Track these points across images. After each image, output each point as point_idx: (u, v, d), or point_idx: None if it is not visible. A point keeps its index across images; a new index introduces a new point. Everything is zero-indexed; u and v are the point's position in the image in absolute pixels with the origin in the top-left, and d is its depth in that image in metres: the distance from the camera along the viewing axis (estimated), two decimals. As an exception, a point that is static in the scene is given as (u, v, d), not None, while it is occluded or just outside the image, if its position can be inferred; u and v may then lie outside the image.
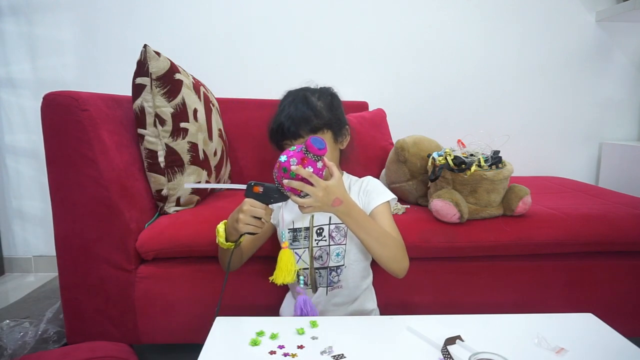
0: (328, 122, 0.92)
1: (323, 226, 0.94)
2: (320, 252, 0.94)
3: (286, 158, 0.76)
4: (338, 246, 0.94)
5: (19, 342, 1.18)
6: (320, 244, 0.94)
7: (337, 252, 0.94)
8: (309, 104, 0.92)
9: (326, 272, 0.94)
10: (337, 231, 0.93)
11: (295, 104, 0.92)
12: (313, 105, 0.91)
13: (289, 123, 0.89)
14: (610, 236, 1.16)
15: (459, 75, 1.95)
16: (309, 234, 0.94)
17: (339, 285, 0.95)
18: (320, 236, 0.93)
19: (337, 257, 0.94)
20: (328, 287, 0.95)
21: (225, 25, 1.86)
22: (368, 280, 1.01)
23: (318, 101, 0.93)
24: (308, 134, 0.89)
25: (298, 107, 0.91)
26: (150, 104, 1.12)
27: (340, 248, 0.94)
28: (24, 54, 1.83)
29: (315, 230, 0.93)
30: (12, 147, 1.88)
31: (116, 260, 1.07)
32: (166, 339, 1.15)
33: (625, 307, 1.20)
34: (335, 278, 0.94)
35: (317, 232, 0.93)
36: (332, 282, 0.95)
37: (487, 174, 1.12)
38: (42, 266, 1.95)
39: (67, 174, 1.03)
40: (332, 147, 0.92)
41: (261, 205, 0.81)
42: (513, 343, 0.73)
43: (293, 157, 0.76)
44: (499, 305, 1.17)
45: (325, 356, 0.68)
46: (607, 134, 2.03)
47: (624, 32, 1.95)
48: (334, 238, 0.93)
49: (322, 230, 0.93)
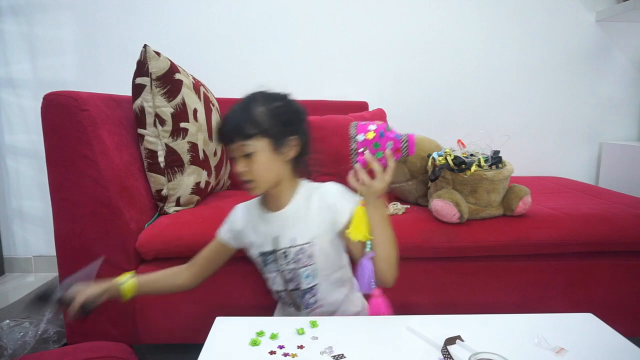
0: (264, 130, 0.83)
1: (287, 249, 0.88)
2: (292, 275, 0.90)
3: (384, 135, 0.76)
4: (306, 268, 0.89)
5: (19, 342, 1.18)
6: (290, 266, 0.89)
7: (306, 274, 0.89)
8: (247, 110, 0.85)
9: (301, 294, 0.91)
10: (301, 253, 0.88)
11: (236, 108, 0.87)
12: (251, 112, 0.85)
13: (225, 128, 0.86)
14: (610, 236, 1.16)
15: (459, 75, 1.95)
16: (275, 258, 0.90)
17: (318, 304, 0.92)
18: (287, 259, 0.89)
19: (308, 278, 0.89)
20: (307, 309, 0.92)
21: (225, 25, 1.86)
22: (346, 287, 0.95)
23: (261, 107, 0.85)
24: (240, 139, 0.82)
25: (236, 112, 0.86)
26: (150, 104, 1.12)
27: (308, 269, 0.89)
28: (24, 54, 1.82)
29: (282, 253, 0.89)
30: (12, 147, 1.88)
31: (116, 260, 1.07)
32: (166, 339, 1.15)
33: (625, 307, 1.20)
34: (312, 299, 0.91)
35: (284, 255, 0.89)
36: (309, 304, 0.91)
37: (487, 174, 1.12)
38: (42, 266, 1.95)
39: (67, 174, 1.03)
40: (269, 157, 0.84)
41: None
42: (513, 343, 0.72)
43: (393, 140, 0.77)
44: (499, 305, 1.17)
45: (325, 356, 0.68)
46: (607, 133, 2.03)
47: (624, 32, 1.95)
48: (300, 260, 0.88)
49: (287, 253, 0.88)
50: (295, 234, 0.87)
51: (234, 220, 0.96)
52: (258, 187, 0.85)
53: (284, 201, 0.89)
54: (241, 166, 0.83)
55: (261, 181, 0.84)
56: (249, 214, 0.94)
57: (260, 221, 0.91)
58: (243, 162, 0.83)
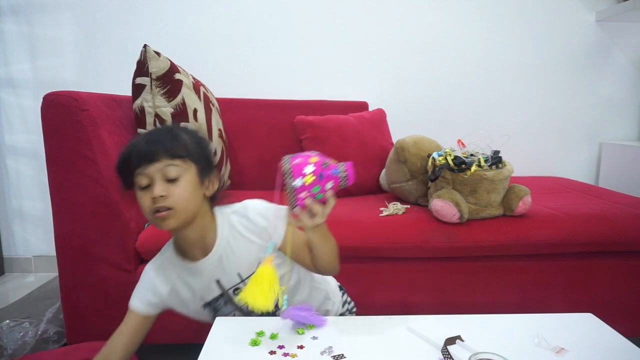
0: (192, 154, 0.75)
1: (238, 285, 0.82)
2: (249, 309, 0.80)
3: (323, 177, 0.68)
4: None
5: (19, 342, 1.18)
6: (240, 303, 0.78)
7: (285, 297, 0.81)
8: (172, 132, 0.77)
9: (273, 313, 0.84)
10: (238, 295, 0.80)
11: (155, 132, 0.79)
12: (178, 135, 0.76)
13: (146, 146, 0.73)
14: (610, 236, 1.16)
15: (459, 75, 1.95)
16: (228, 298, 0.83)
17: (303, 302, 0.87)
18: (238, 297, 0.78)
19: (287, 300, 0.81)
20: None
21: (225, 26, 1.86)
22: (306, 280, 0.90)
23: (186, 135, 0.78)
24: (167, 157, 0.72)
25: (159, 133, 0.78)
26: (150, 104, 1.12)
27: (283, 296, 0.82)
28: (24, 54, 1.83)
29: (233, 291, 0.82)
30: (12, 147, 1.88)
31: (116, 260, 1.07)
32: (166, 339, 1.15)
33: (625, 307, 1.20)
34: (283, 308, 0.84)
35: (236, 293, 0.82)
36: None
37: (487, 174, 1.12)
38: (42, 266, 1.95)
39: (67, 174, 1.03)
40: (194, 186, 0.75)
41: None
42: (513, 343, 0.72)
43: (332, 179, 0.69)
44: (499, 305, 1.17)
45: (325, 356, 0.68)
46: (607, 134, 2.03)
47: (624, 32, 1.95)
48: None
49: (238, 289, 0.82)
50: (237, 269, 0.80)
51: (155, 285, 0.82)
52: (175, 217, 0.73)
53: (210, 241, 0.79)
54: (160, 190, 0.71)
55: (181, 211, 0.73)
56: (170, 271, 0.83)
57: (189, 274, 0.82)
58: (163, 186, 0.71)
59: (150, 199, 0.72)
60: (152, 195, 0.72)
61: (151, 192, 0.72)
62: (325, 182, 0.68)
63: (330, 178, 0.68)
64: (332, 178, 0.69)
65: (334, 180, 0.69)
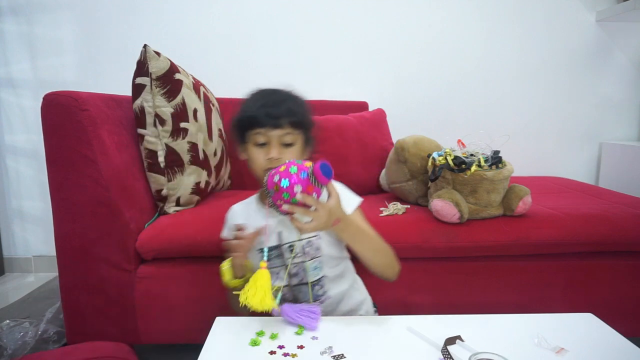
0: (306, 126, 0.85)
1: (293, 243, 0.87)
2: (297, 269, 0.88)
3: (288, 183, 0.70)
4: (313, 260, 0.88)
5: (19, 342, 1.18)
6: (296, 260, 0.88)
7: (313, 267, 0.88)
8: (296, 99, 0.86)
9: (308, 288, 0.89)
10: (309, 246, 0.88)
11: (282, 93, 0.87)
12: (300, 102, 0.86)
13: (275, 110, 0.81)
14: (610, 236, 1.16)
15: (459, 75, 1.95)
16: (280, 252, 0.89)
17: (327, 297, 0.91)
18: (293, 253, 0.88)
19: (315, 270, 0.89)
20: (315, 302, 0.90)
21: (225, 26, 1.86)
22: (350, 277, 0.96)
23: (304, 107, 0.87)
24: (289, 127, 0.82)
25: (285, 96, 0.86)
26: (150, 104, 1.12)
27: (316, 261, 0.88)
28: (24, 54, 1.83)
29: (287, 247, 0.88)
30: (12, 147, 1.88)
31: (116, 260, 1.07)
32: (166, 339, 1.15)
33: (625, 307, 1.20)
34: (320, 291, 0.90)
35: (289, 250, 0.88)
36: (318, 296, 0.90)
37: (487, 174, 1.12)
38: (42, 266, 1.95)
39: (67, 174, 1.03)
40: (300, 153, 0.85)
41: None
42: (513, 343, 0.72)
43: (298, 184, 0.70)
44: (499, 305, 1.17)
45: (325, 356, 0.68)
46: (607, 134, 2.03)
47: (624, 32, 1.95)
48: (308, 254, 0.88)
49: (292, 247, 0.87)
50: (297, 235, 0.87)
51: (233, 219, 0.94)
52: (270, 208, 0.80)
53: None
54: (276, 153, 0.81)
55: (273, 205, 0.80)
56: (247, 211, 0.93)
57: (260, 218, 0.88)
58: (278, 149, 0.82)
59: (265, 158, 0.83)
60: (267, 155, 0.82)
61: (267, 151, 0.83)
62: (291, 188, 0.70)
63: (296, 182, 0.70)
64: (299, 182, 0.71)
65: (302, 184, 0.70)
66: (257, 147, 0.84)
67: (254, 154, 0.84)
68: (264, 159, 0.83)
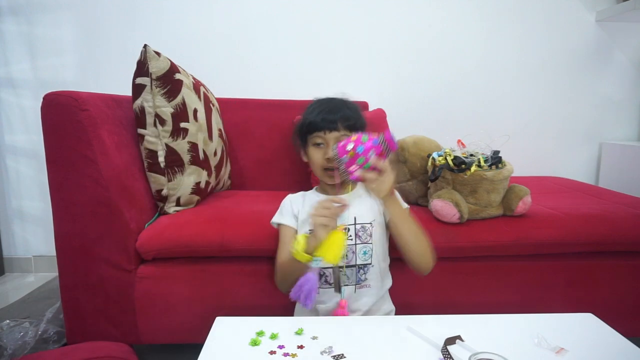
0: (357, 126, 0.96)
1: (348, 226, 0.94)
2: (346, 251, 0.93)
3: (364, 149, 0.81)
4: (365, 245, 0.95)
5: (19, 342, 1.18)
6: (348, 242, 0.93)
7: (364, 251, 0.95)
8: (350, 104, 0.99)
9: (354, 271, 0.95)
10: (362, 230, 0.95)
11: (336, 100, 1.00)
12: (353, 107, 0.99)
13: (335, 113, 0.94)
14: (610, 236, 1.16)
15: (459, 75, 1.95)
16: None
17: (367, 284, 0.95)
18: (347, 235, 0.93)
19: (364, 255, 0.95)
20: (356, 285, 0.95)
21: (225, 25, 1.86)
22: (388, 281, 1.03)
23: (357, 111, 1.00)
24: (344, 129, 0.94)
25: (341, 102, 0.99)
26: (150, 104, 1.12)
27: (367, 247, 0.95)
28: (24, 54, 1.82)
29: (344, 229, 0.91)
30: (12, 147, 1.88)
31: (116, 260, 1.07)
32: (166, 339, 1.15)
33: (625, 307, 1.20)
34: (363, 276, 0.95)
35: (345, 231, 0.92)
36: (360, 280, 0.95)
37: (487, 174, 1.12)
38: (42, 266, 1.95)
39: (67, 174, 1.03)
40: None
41: None
42: (513, 343, 0.73)
43: (373, 148, 0.81)
44: (499, 305, 1.17)
45: (325, 356, 0.68)
46: (607, 134, 2.03)
47: (624, 32, 1.95)
48: (360, 237, 0.95)
49: (347, 229, 0.93)
50: (357, 212, 0.95)
51: (290, 204, 1.01)
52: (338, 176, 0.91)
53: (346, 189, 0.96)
54: None
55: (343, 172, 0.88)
56: (305, 199, 1.02)
57: None
58: None
59: (323, 158, 0.94)
60: (325, 155, 0.94)
61: (324, 151, 0.95)
62: (366, 153, 0.81)
63: (371, 148, 0.82)
64: (373, 147, 0.82)
65: (375, 149, 0.82)
66: (315, 148, 0.96)
67: (313, 155, 0.96)
68: (323, 158, 0.94)
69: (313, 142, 0.97)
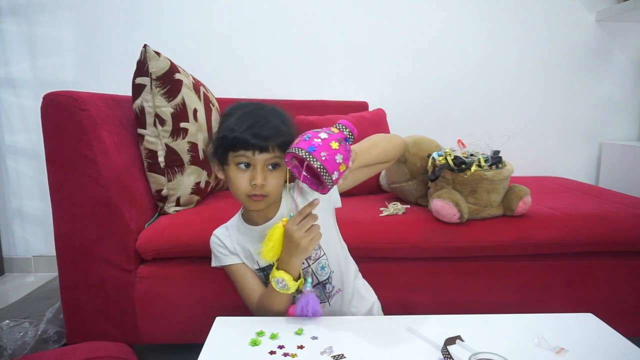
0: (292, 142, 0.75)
1: None
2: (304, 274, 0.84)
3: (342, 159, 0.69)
4: (318, 261, 0.88)
5: (19, 342, 1.18)
6: None
7: (321, 267, 0.88)
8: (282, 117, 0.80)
9: (320, 288, 0.90)
10: None
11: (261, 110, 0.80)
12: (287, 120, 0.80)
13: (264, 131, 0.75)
14: (610, 236, 1.16)
15: (459, 75, 1.95)
16: None
17: (335, 290, 0.92)
18: None
19: (323, 269, 0.89)
20: (330, 300, 0.91)
21: (225, 25, 1.86)
22: (352, 266, 0.96)
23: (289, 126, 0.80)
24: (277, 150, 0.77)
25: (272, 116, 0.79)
26: (150, 104, 1.12)
27: (321, 261, 0.88)
28: (24, 54, 1.83)
29: None
30: (12, 147, 1.88)
31: (116, 260, 1.07)
32: (166, 339, 1.15)
33: (625, 307, 1.20)
34: (329, 287, 0.91)
35: None
36: (330, 294, 0.91)
37: (487, 174, 1.12)
38: (42, 266, 1.95)
39: (67, 174, 1.03)
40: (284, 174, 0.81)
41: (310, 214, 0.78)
42: (513, 343, 0.72)
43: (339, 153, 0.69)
44: (499, 305, 1.17)
45: (325, 356, 0.68)
46: (607, 134, 2.03)
47: (624, 32, 1.95)
48: (310, 257, 0.86)
49: None
50: None
51: (222, 243, 0.90)
52: (266, 201, 0.80)
53: (272, 210, 0.85)
54: (262, 179, 0.76)
55: (273, 197, 0.80)
56: (232, 232, 0.90)
57: (249, 237, 0.87)
58: (263, 174, 0.77)
59: (249, 183, 0.77)
60: (252, 180, 0.77)
61: (250, 175, 0.77)
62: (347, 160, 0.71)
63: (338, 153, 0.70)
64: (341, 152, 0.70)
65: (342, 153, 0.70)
66: (239, 169, 0.78)
67: (236, 177, 0.78)
68: (248, 183, 0.77)
69: (237, 162, 0.78)
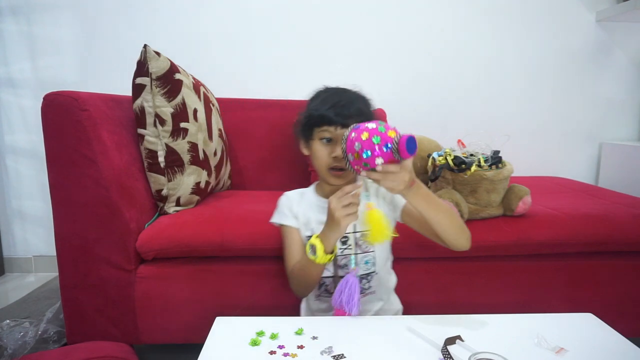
0: None
1: (348, 234, 0.88)
2: (346, 261, 0.89)
3: (370, 155, 0.70)
4: (366, 254, 0.91)
5: (19, 342, 1.18)
6: (345, 252, 0.89)
7: (366, 260, 0.91)
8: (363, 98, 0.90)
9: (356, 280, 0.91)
10: (363, 240, 0.89)
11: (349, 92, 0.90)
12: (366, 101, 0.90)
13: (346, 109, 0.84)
14: (610, 236, 1.16)
15: (459, 75, 1.94)
16: None
17: (371, 291, 0.93)
18: (345, 245, 0.89)
19: (367, 264, 0.91)
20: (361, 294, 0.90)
21: (225, 25, 1.86)
22: (393, 280, 1.00)
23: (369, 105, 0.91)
24: None
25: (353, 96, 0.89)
26: (150, 104, 1.12)
27: (368, 255, 0.91)
28: (24, 54, 1.82)
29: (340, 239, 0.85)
30: (12, 147, 1.88)
31: (116, 260, 1.07)
32: (166, 339, 1.15)
33: (625, 307, 1.20)
34: (366, 285, 0.92)
35: (342, 241, 0.89)
36: (363, 290, 0.92)
37: (487, 174, 1.12)
38: (42, 266, 1.95)
39: (67, 174, 1.03)
40: None
41: None
42: (513, 343, 0.73)
43: (380, 156, 0.70)
44: (499, 305, 1.17)
45: (325, 356, 0.68)
46: (607, 134, 2.03)
47: (624, 32, 1.95)
48: (360, 246, 0.90)
49: (346, 238, 0.89)
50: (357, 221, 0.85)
51: (289, 204, 0.94)
52: (344, 177, 0.85)
53: None
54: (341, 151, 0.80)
55: (350, 174, 0.84)
56: (303, 199, 0.95)
57: (316, 207, 0.91)
58: None
59: (330, 156, 0.85)
60: (333, 152, 0.84)
61: (332, 148, 0.85)
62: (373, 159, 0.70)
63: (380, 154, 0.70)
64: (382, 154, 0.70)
65: (383, 157, 0.70)
66: (322, 144, 0.86)
67: (319, 150, 0.87)
68: (329, 156, 0.85)
69: (320, 137, 0.87)
